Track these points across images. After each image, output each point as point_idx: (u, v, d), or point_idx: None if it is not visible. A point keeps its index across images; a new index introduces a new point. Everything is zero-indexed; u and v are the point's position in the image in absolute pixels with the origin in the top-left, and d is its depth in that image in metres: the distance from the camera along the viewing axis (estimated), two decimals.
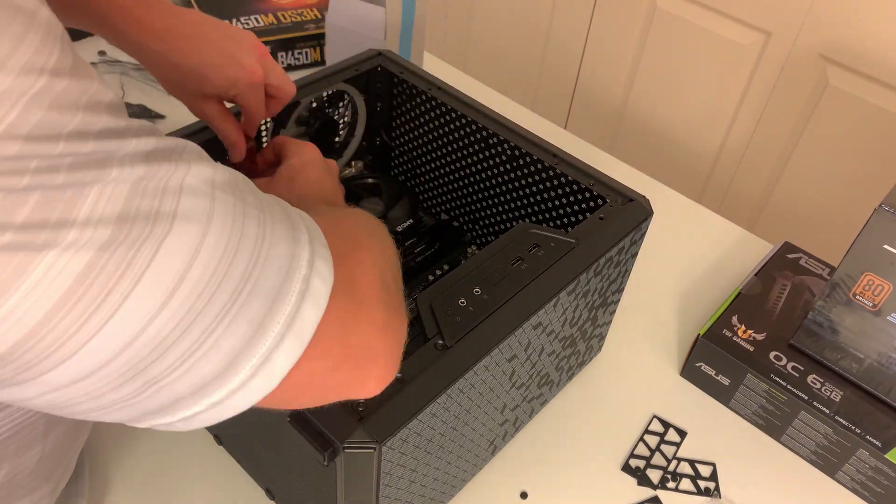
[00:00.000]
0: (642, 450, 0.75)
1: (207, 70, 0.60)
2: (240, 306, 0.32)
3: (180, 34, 0.58)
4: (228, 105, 0.65)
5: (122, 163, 0.30)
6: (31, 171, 0.27)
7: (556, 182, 0.73)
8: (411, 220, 0.82)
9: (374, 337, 0.40)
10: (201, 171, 0.33)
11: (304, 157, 0.63)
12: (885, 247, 0.68)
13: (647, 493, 0.72)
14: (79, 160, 0.28)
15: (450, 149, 0.82)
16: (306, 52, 1.19)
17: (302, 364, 0.35)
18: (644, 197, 0.69)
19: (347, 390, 0.41)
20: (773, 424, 0.77)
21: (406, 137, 0.88)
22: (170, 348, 0.31)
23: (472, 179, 0.82)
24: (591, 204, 0.70)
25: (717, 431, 0.78)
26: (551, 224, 0.76)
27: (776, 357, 0.77)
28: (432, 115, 0.82)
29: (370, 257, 0.43)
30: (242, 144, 0.66)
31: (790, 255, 0.89)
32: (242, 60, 0.61)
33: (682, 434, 0.77)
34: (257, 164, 0.68)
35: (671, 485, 0.72)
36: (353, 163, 0.88)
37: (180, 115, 0.62)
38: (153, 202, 0.30)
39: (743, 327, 0.80)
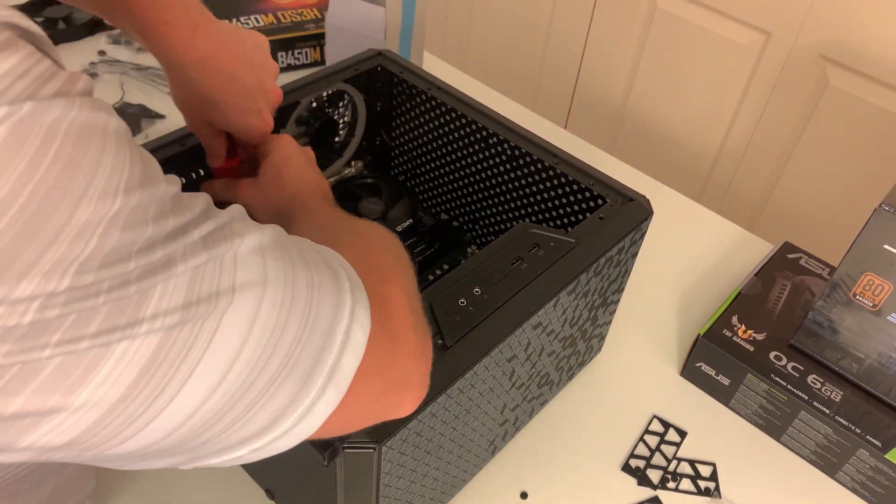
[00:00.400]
0: (642, 450, 0.75)
1: (228, 110, 0.60)
2: (290, 369, 0.34)
3: (216, 70, 0.58)
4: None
5: (185, 257, 0.31)
6: (105, 291, 0.28)
7: (556, 182, 0.73)
8: (411, 220, 0.82)
9: (410, 367, 0.42)
10: (251, 239, 0.34)
11: (284, 150, 0.63)
12: (885, 247, 0.68)
13: (648, 493, 0.71)
14: (147, 269, 0.29)
15: (450, 149, 0.82)
16: (306, 52, 1.19)
17: (341, 408, 0.37)
18: (644, 197, 0.69)
19: (385, 416, 0.42)
20: (773, 424, 0.76)
21: (406, 137, 0.88)
22: (223, 418, 0.32)
23: (472, 179, 0.82)
24: (591, 204, 0.70)
25: (717, 431, 0.77)
26: (551, 224, 0.76)
27: (776, 357, 0.77)
28: (432, 114, 0.82)
29: (399, 288, 0.44)
30: (222, 154, 0.66)
31: (790, 255, 0.89)
32: (263, 113, 0.62)
33: (682, 434, 0.77)
34: (236, 163, 0.68)
35: (671, 485, 0.72)
36: (353, 163, 0.88)
37: (180, 115, 0.63)
38: (213, 283, 0.31)
39: (743, 327, 0.80)
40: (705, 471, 0.74)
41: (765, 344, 0.78)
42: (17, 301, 0.26)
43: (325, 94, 0.78)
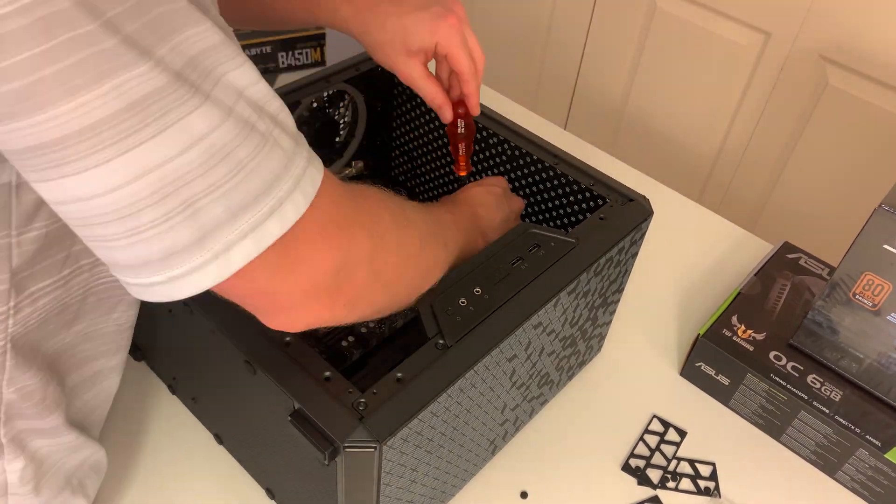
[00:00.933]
0: (642, 449, 0.75)
1: (408, 22, 0.65)
2: (222, 193, 0.36)
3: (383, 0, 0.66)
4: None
5: (211, 22, 0.36)
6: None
7: (556, 182, 0.73)
8: None
9: (303, 288, 0.43)
10: (242, 75, 0.38)
11: (485, 182, 0.73)
12: (885, 247, 0.68)
13: (647, 492, 0.72)
14: (177, 7, 0.34)
15: (450, 149, 0.82)
16: (307, 53, 1.19)
17: (248, 267, 0.39)
18: (644, 197, 0.69)
19: (255, 308, 0.44)
20: (773, 424, 0.77)
21: (406, 138, 0.88)
22: (150, 207, 0.35)
23: (472, 180, 0.82)
24: (592, 204, 0.71)
25: (716, 431, 0.78)
26: (551, 224, 0.76)
27: (776, 357, 0.77)
28: (432, 115, 0.82)
29: (368, 243, 0.46)
30: (448, 106, 0.71)
31: (790, 255, 0.89)
32: (436, 7, 0.66)
33: (682, 434, 0.77)
34: (473, 131, 0.74)
35: (671, 484, 0.72)
36: (353, 163, 0.88)
37: None
38: (199, 78, 0.35)
39: (743, 327, 0.80)
40: (705, 470, 0.74)
41: (764, 344, 0.78)
42: None
43: (325, 94, 0.78)
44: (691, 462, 0.74)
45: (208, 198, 0.36)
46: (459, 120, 0.73)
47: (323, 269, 0.42)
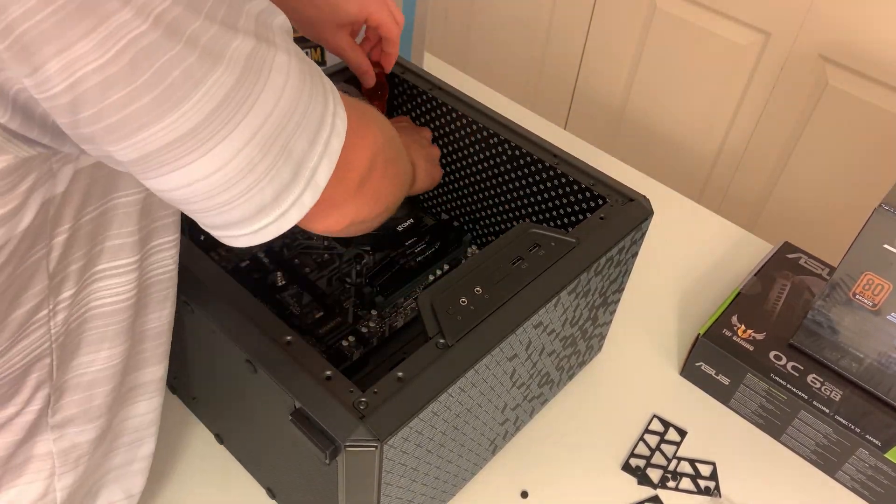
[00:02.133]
0: (642, 449, 0.75)
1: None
2: (303, 126, 0.41)
3: None
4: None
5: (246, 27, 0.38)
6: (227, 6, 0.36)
7: (556, 182, 0.73)
8: (412, 220, 0.82)
9: (350, 191, 0.47)
10: (277, 13, 0.41)
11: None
12: (885, 246, 0.68)
13: (648, 492, 0.72)
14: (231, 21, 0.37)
15: (450, 149, 0.82)
16: (307, 53, 1.19)
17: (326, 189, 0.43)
18: (644, 197, 0.69)
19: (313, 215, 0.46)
20: (773, 424, 0.77)
21: None
22: (268, 152, 0.39)
23: (472, 179, 0.82)
24: (592, 204, 0.71)
25: (717, 431, 0.78)
26: (552, 224, 0.76)
27: (776, 357, 0.77)
28: (433, 115, 0.82)
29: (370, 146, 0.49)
30: (371, 72, 0.75)
31: (790, 255, 0.89)
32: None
33: (682, 433, 0.77)
34: (385, 95, 0.79)
35: (671, 484, 0.72)
36: None
37: None
38: (265, 31, 0.39)
39: (743, 327, 0.80)
40: (705, 470, 0.74)
41: (764, 343, 0.78)
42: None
43: None
44: (691, 462, 0.74)
45: (296, 134, 0.40)
46: (378, 86, 0.79)
47: (362, 166, 0.47)
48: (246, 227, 0.42)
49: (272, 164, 0.39)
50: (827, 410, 0.72)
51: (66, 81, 0.32)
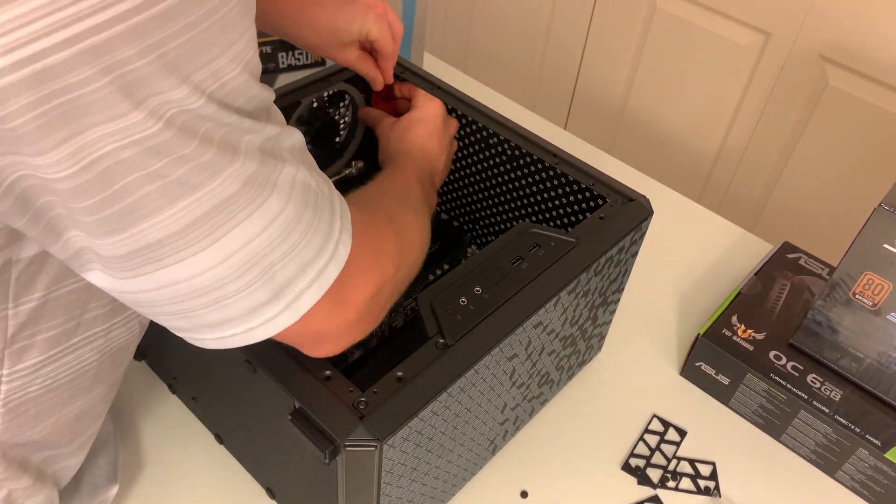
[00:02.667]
0: (642, 449, 0.75)
1: (339, 22, 0.69)
2: (295, 254, 0.40)
3: (307, 3, 0.68)
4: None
5: (256, 142, 0.38)
6: (227, 126, 0.36)
7: (556, 182, 0.73)
8: None
9: (341, 326, 0.47)
10: (288, 138, 0.41)
11: (424, 112, 0.74)
12: (885, 246, 0.68)
13: (648, 492, 0.72)
14: (238, 132, 0.37)
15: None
16: (307, 53, 1.19)
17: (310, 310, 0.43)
18: (644, 196, 0.69)
19: (307, 346, 0.48)
20: (773, 424, 0.77)
21: None
22: (247, 272, 0.39)
23: (472, 179, 0.82)
24: (592, 203, 0.71)
25: (716, 431, 0.78)
26: (552, 224, 0.76)
27: (776, 356, 0.77)
28: None
29: (380, 270, 0.49)
30: (379, 77, 0.76)
31: (790, 255, 0.89)
32: (363, 1, 0.70)
33: (682, 433, 0.77)
34: (394, 97, 0.81)
35: (671, 484, 0.72)
36: (353, 163, 0.88)
37: None
38: (269, 173, 0.39)
39: (743, 327, 0.80)
40: (705, 470, 0.74)
41: (764, 343, 0.78)
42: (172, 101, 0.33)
43: (326, 94, 0.79)
44: (691, 462, 0.74)
45: (283, 261, 0.40)
46: (392, 89, 0.80)
47: (365, 298, 0.46)
48: (209, 333, 0.42)
49: (247, 284, 0.39)
50: (827, 410, 0.72)
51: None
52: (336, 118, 0.83)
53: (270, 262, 0.39)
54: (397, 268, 0.50)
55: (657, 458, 0.74)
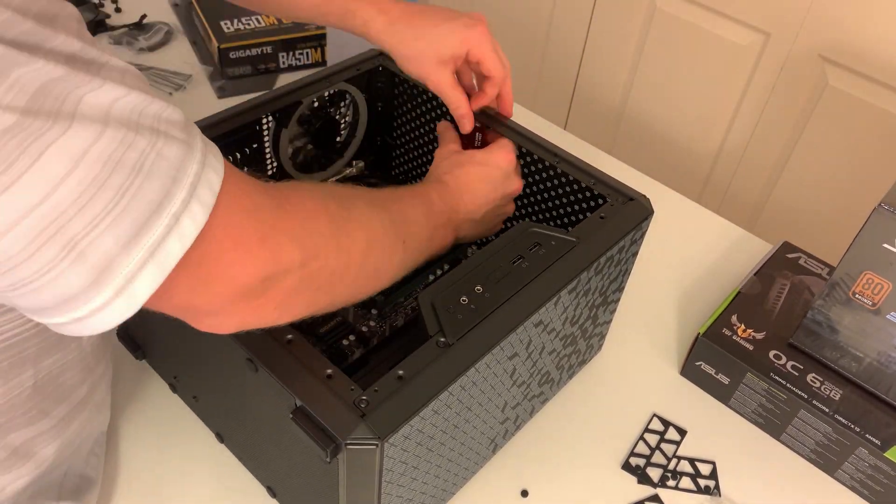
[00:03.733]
0: (642, 448, 0.75)
1: (441, 32, 0.68)
2: (106, 225, 0.33)
3: (415, 11, 0.69)
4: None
5: (47, 56, 0.32)
6: None
7: (556, 181, 0.73)
8: None
9: (226, 294, 0.41)
10: (110, 92, 0.34)
11: (490, 157, 0.69)
12: (885, 245, 0.68)
13: (648, 491, 0.72)
14: (17, 38, 0.31)
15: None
16: (307, 53, 1.19)
17: (159, 290, 0.37)
18: (644, 196, 0.69)
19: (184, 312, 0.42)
20: (773, 423, 0.77)
21: (407, 137, 0.88)
22: (40, 249, 0.32)
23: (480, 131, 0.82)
24: (592, 203, 0.71)
25: (716, 430, 0.78)
26: (552, 223, 0.76)
27: (776, 356, 0.77)
28: (433, 114, 0.82)
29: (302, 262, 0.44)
30: (470, 116, 0.72)
31: (789, 255, 0.90)
32: (464, 18, 0.70)
33: (682, 433, 0.77)
34: (473, 145, 0.76)
35: (671, 483, 0.72)
36: (354, 163, 0.88)
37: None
38: (56, 104, 0.31)
39: (742, 326, 0.80)
40: (705, 469, 0.74)
41: (764, 343, 0.78)
42: None
43: (326, 94, 0.79)
44: (691, 461, 0.74)
45: (92, 234, 0.33)
46: (477, 133, 0.75)
47: (244, 281, 0.40)
48: (36, 317, 0.36)
49: (47, 265, 0.33)
50: (826, 410, 0.72)
51: None
52: (337, 118, 0.83)
53: (72, 234, 0.32)
54: (312, 259, 0.45)
55: (657, 458, 0.74)
